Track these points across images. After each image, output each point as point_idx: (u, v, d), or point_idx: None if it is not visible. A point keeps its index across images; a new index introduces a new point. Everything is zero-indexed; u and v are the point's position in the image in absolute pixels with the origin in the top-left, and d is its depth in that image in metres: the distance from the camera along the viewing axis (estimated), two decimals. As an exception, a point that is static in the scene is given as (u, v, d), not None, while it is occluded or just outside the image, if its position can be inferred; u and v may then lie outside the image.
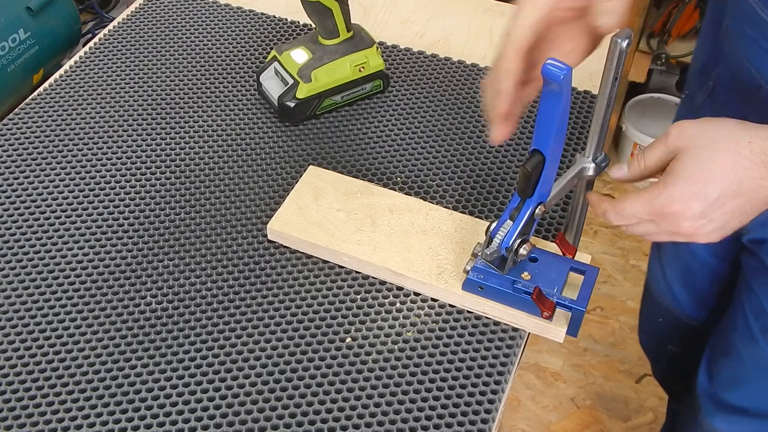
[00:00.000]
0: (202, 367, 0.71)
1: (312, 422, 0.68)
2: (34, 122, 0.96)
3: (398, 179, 0.90)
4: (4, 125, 0.95)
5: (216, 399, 0.69)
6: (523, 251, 0.73)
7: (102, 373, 0.71)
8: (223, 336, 0.74)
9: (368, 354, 0.73)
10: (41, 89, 1.00)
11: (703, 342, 1.02)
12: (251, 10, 1.14)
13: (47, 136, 0.94)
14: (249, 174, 0.90)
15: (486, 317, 0.76)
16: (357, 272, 0.80)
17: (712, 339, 1.00)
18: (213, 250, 0.82)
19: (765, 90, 0.76)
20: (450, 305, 0.77)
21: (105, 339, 0.74)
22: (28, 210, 0.85)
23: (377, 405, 0.69)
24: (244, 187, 0.88)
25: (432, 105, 1.00)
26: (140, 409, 0.68)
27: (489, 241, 0.73)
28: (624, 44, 0.63)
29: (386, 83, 1.01)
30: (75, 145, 0.93)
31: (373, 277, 0.79)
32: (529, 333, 0.76)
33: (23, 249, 0.81)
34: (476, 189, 0.89)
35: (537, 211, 0.71)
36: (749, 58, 0.77)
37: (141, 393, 0.69)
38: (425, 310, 0.77)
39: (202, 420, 0.68)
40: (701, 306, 1.09)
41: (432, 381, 0.71)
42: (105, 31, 1.10)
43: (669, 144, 0.64)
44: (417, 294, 0.78)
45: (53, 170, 0.90)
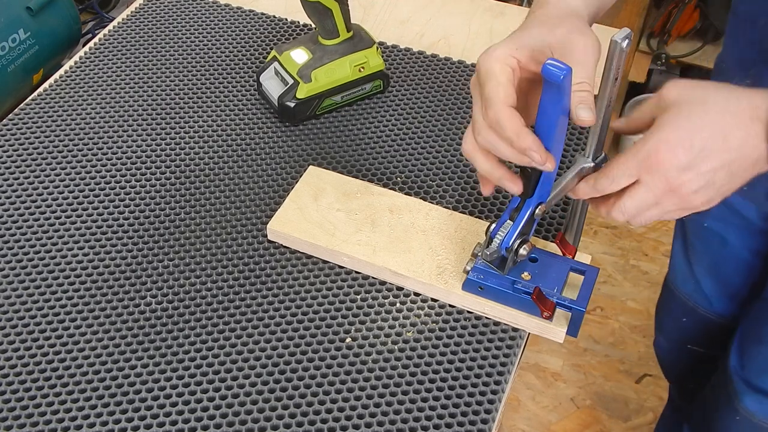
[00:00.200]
0: (202, 367, 0.71)
1: (312, 422, 0.68)
2: (34, 122, 0.96)
3: (398, 179, 0.90)
4: (4, 125, 0.95)
5: (216, 399, 0.69)
6: (523, 251, 0.73)
7: (102, 373, 0.71)
8: (223, 336, 0.74)
9: (368, 354, 0.73)
10: (41, 89, 1.00)
11: (728, 340, 1.02)
12: (251, 10, 1.14)
13: (47, 136, 0.94)
14: (249, 174, 0.90)
15: (486, 317, 0.76)
16: (357, 272, 0.80)
17: (743, 324, 1.01)
18: (213, 250, 0.82)
19: None
20: (450, 305, 0.77)
21: (105, 339, 0.74)
22: (28, 210, 0.85)
23: (377, 405, 0.69)
24: (244, 187, 0.88)
25: (432, 105, 1.00)
26: (140, 409, 0.68)
27: (489, 242, 0.73)
28: (624, 44, 0.63)
29: (386, 83, 1.01)
30: (75, 145, 0.93)
31: (373, 278, 0.79)
32: (529, 333, 0.76)
33: (23, 249, 0.81)
34: (476, 189, 0.89)
35: (537, 212, 0.71)
36: None
37: (141, 393, 0.69)
38: (425, 311, 0.77)
39: (202, 420, 0.68)
40: (731, 300, 1.08)
41: (432, 381, 0.71)
42: (105, 31, 1.10)
43: (662, 97, 0.65)
44: (417, 294, 0.78)
45: (53, 170, 0.90)
